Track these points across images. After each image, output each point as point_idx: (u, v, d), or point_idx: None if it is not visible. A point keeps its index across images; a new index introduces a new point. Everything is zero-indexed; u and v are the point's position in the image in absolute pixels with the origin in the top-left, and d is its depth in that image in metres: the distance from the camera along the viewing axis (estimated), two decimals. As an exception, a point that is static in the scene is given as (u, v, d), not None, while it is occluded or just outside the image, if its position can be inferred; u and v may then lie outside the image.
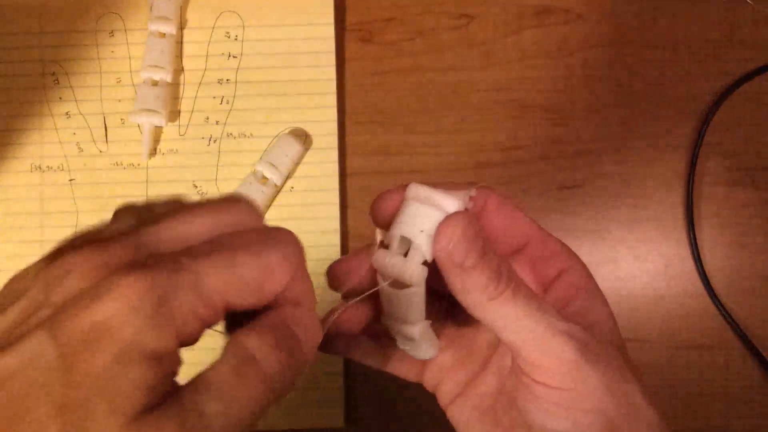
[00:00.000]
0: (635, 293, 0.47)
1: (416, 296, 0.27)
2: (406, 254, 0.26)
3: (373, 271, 0.28)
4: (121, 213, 0.24)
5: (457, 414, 0.31)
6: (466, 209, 0.27)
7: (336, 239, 0.47)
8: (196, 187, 0.48)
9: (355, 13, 0.50)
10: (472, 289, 0.25)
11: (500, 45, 0.50)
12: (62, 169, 0.48)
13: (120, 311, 0.19)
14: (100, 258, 0.20)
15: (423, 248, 0.26)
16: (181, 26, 0.49)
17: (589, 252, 0.48)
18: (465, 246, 0.25)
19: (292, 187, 0.48)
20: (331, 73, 0.49)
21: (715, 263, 0.47)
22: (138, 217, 0.23)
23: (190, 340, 0.21)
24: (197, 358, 0.22)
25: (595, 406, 0.25)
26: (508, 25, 0.50)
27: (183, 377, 0.21)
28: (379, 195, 0.28)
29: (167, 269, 0.20)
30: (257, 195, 0.46)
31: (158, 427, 0.19)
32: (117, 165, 0.48)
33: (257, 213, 0.24)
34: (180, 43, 0.49)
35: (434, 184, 0.27)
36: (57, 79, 0.49)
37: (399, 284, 0.26)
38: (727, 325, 0.47)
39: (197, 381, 0.21)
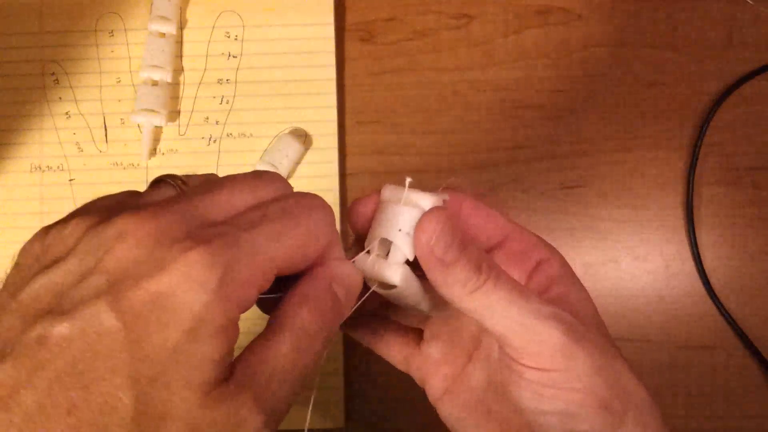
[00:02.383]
0: (635, 293, 0.47)
1: (406, 293, 0.27)
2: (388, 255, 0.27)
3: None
4: (158, 183, 0.24)
5: (447, 409, 0.31)
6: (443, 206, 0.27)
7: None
8: (196, 187, 0.48)
9: (355, 13, 0.50)
10: (454, 283, 0.26)
11: (500, 45, 0.50)
12: (62, 169, 0.48)
13: (185, 285, 0.19)
14: (155, 225, 0.20)
15: (403, 247, 0.26)
16: (181, 26, 0.49)
17: (589, 252, 0.48)
18: (445, 241, 0.25)
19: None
20: (331, 73, 0.49)
21: (715, 263, 0.47)
22: (176, 188, 0.23)
23: (247, 308, 0.21)
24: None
25: (586, 386, 0.26)
26: (508, 25, 0.50)
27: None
28: (353, 201, 0.28)
29: (226, 243, 0.20)
30: (257, 195, 0.46)
31: (236, 403, 0.20)
32: (117, 165, 0.48)
33: (285, 181, 0.25)
34: (180, 43, 0.49)
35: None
36: (57, 79, 0.49)
37: (387, 285, 0.26)
38: (727, 325, 0.47)
39: (263, 356, 0.22)
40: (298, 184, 0.48)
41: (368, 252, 0.27)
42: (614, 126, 0.49)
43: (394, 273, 0.26)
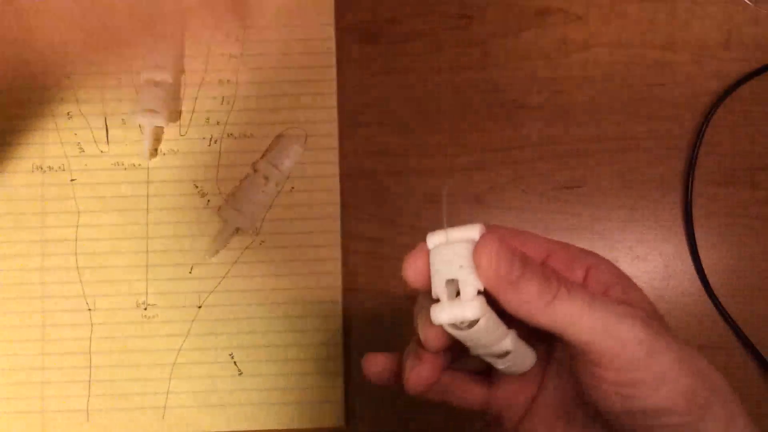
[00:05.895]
0: (635, 293, 0.47)
1: (489, 323, 0.27)
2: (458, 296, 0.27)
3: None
4: None
5: (526, 431, 0.31)
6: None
7: (336, 239, 0.47)
8: (197, 186, 0.48)
9: (356, 14, 0.51)
10: (528, 299, 0.26)
11: (500, 45, 0.50)
12: (63, 170, 0.48)
13: None
14: None
15: (471, 280, 0.26)
16: (182, 27, 0.50)
17: (588, 252, 0.48)
18: (507, 260, 0.25)
19: (292, 187, 0.48)
20: (332, 73, 0.49)
21: (714, 263, 0.47)
22: None
23: None
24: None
25: (672, 379, 0.26)
26: (508, 25, 0.50)
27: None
28: (404, 261, 0.28)
29: None
30: (257, 195, 0.46)
31: None
32: (118, 165, 0.48)
33: None
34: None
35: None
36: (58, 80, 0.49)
37: (468, 324, 0.26)
38: (727, 325, 0.47)
39: None
40: (298, 184, 0.48)
41: (438, 300, 0.27)
42: (614, 126, 0.49)
43: (473, 306, 0.26)
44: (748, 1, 0.50)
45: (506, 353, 0.28)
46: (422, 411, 0.46)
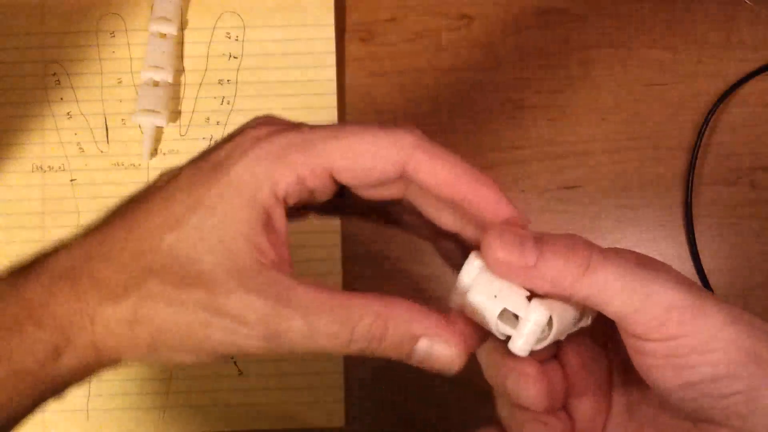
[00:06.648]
0: (635, 293, 0.47)
1: (562, 310, 0.25)
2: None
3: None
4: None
5: None
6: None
7: (336, 239, 0.47)
8: (197, 187, 0.48)
9: (356, 14, 0.51)
10: (561, 274, 0.24)
11: (500, 45, 0.50)
12: (63, 170, 0.48)
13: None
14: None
15: (512, 294, 0.25)
16: (182, 27, 0.50)
17: (588, 252, 0.48)
18: (516, 249, 0.24)
19: (293, 187, 0.48)
20: (332, 73, 0.49)
21: (714, 264, 0.47)
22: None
23: (284, 191, 0.25)
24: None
25: (727, 340, 0.24)
26: (508, 25, 0.50)
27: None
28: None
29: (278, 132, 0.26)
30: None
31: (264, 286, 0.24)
32: (118, 165, 0.48)
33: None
34: (181, 43, 0.49)
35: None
36: (58, 80, 0.49)
37: (547, 328, 0.25)
38: (727, 324, 0.47)
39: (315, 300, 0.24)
40: (298, 184, 0.48)
41: (507, 337, 0.25)
42: (613, 126, 0.49)
43: (534, 310, 0.24)
44: (748, 1, 0.50)
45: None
46: (422, 411, 0.46)
